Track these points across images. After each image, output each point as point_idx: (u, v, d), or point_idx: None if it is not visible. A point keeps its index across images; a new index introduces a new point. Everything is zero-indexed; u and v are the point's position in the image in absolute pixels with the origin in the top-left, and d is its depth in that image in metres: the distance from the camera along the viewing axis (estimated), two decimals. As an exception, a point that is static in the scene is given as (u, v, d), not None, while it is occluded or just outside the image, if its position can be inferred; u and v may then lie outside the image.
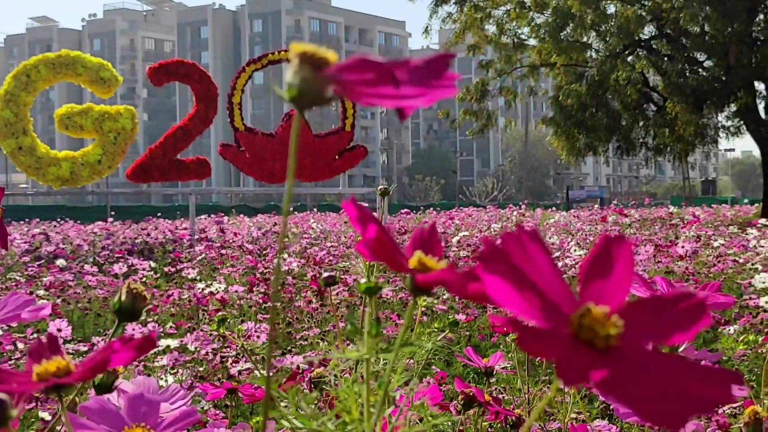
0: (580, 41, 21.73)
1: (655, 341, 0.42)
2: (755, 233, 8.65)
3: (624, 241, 0.43)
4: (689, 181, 54.43)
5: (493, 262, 0.42)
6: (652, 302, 0.43)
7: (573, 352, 0.40)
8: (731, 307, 1.03)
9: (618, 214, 9.88)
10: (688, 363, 0.40)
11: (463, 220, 14.53)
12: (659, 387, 0.39)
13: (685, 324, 0.42)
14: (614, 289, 0.43)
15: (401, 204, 47.66)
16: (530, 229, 0.45)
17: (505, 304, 0.42)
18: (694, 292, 0.42)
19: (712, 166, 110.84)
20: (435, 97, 0.43)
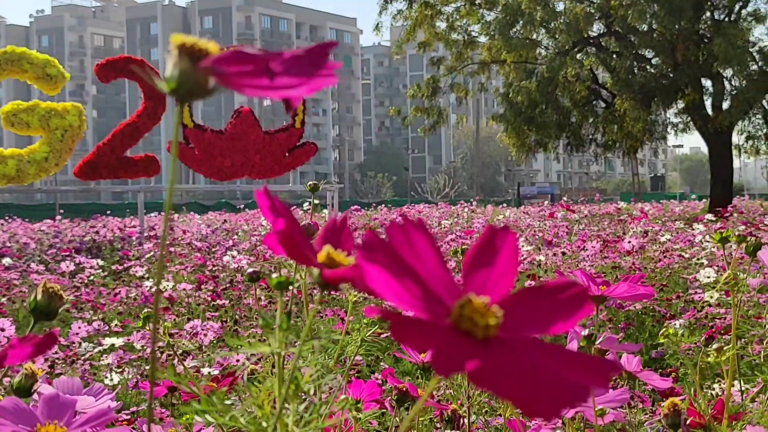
0: (529, 38, 21.84)
1: (537, 331, 0.42)
2: (701, 228, 8.74)
3: (508, 232, 0.43)
4: (638, 177, 54.95)
5: (373, 253, 0.42)
6: (534, 292, 0.43)
7: (448, 342, 0.40)
8: (652, 297, 1.04)
9: (565, 210, 9.93)
10: (566, 352, 0.41)
11: (414, 216, 14.55)
12: (536, 376, 0.39)
13: (566, 313, 0.42)
14: (498, 280, 0.43)
15: (353, 201, 47.63)
16: (416, 219, 0.45)
17: (385, 294, 0.41)
18: (575, 282, 0.42)
19: (661, 162, 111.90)
20: (316, 86, 0.43)
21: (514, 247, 0.43)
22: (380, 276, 0.42)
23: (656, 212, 17.24)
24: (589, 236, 8.40)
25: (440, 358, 0.39)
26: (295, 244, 0.53)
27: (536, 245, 7.83)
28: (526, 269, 6.52)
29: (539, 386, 0.39)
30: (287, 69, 0.43)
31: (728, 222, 10.81)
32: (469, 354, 0.40)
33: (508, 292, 0.43)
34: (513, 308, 0.42)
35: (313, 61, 0.44)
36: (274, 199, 0.55)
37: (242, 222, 14.59)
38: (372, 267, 0.42)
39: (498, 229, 0.44)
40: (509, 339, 0.41)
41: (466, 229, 10.27)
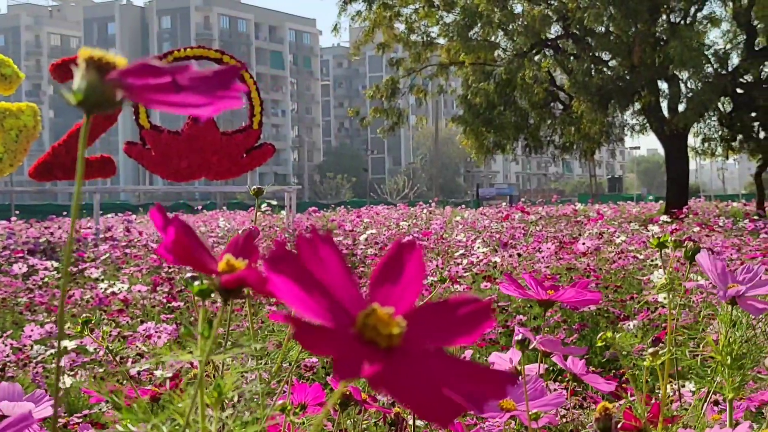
0: (488, 40, 21.92)
1: (439, 342, 0.43)
2: (656, 230, 8.81)
3: (415, 247, 0.44)
4: (596, 179, 55.32)
5: (279, 263, 0.43)
6: (438, 306, 0.44)
7: (351, 349, 0.41)
8: (599, 302, 1.05)
9: (521, 212, 9.99)
10: (466, 364, 0.41)
11: (373, 218, 14.55)
12: (434, 385, 0.40)
13: (468, 327, 0.43)
14: (403, 293, 0.44)
15: (313, 202, 47.57)
16: (323, 233, 0.45)
17: (291, 303, 0.42)
18: (478, 298, 0.43)
19: (619, 163, 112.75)
20: (221, 107, 0.44)
21: (420, 262, 0.44)
22: (286, 286, 0.42)
23: (613, 213, 17.36)
24: (544, 238, 8.44)
25: (342, 363, 0.39)
26: (189, 253, 0.53)
27: (493, 247, 7.87)
28: (482, 271, 6.54)
29: (436, 394, 0.40)
30: (195, 87, 0.44)
31: (683, 223, 10.91)
32: (371, 361, 0.41)
33: (413, 304, 0.44)
34: (417, 320, 0.43)
35: (221, 82, 0.44)
36: (165, 215, 0.55)
37: (200, 223, 14.52)
38: (278, 277, 0.43)
39: (405, 243, 0.44)
40: (411, 349, 0.42)
41: (423, 230, 10.29)
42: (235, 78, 0.45)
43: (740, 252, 7.14)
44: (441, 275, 2.28)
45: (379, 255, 8.28)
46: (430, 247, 8.59)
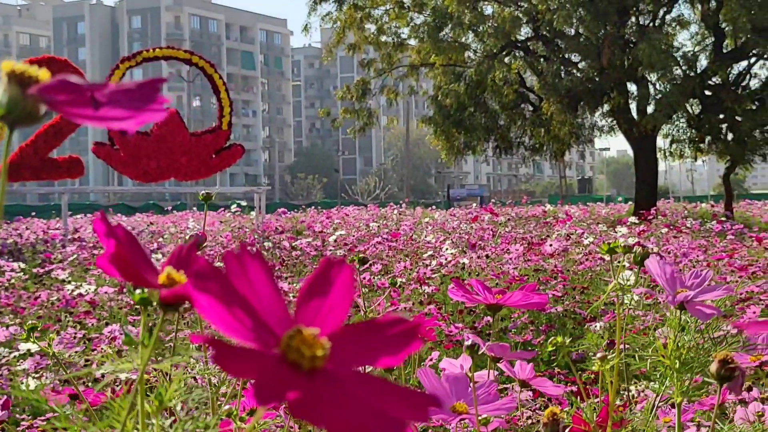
0: (458, 41, 21.95)
1: (364, 363, 0.43)
2: (624, 231, 8.86)
3: (344, 266, 0.44)
4: (566, 180, 55.55)
5: (204, 281, 0.43)
6: (365, 326, 0.44)
7: (271, 372, 0.41)
8: (545, 305, 1.06)
9: (489, 213, 10.02)
10: (389, 385, 0.42)
11: (343, 219, 14.54)
12: (356, 408, 0.40)
13: (395, 347, 0.43)
14: (330, 313, 0.44)
15: (283, 203, 47.47)
16: (253, 250, 0.46)
17: (215, 322, 0.42)
18: (406, 319, 0.43)
19: (589, 164, 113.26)
20: (145, 119, 0.44)
21: (349, 281, 0.44)
22: (210, 304, 0.42)
23: (582, 215, 17.43)
24: (513, 239, 8.47)
25: (261, 387, 0.39)
26: (129, 266, 0.53)
27: (461, 248, 7.88)
28: (450, 272, 6.55)
29: (357, 417, 0.40)
30: (116, 101, 0.44)
31: (651, 225, 10.97)
32: (291, 385, 0.40)
33: (340, 325, 0.44)
34: (343, 341, 0.43)
35: (143, 95, 0.45)
36: (109, 224, 0.55)
37: (169, 224, 14.46)
38: (202, 295, 0.43)
39: (334, 261, 0.44)
40: (335, 371, 0.42)
41: (393, 231, 10.30)
42: (158, 90, 0.45)
43: (706, 253, 7.20)
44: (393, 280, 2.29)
45: (348, 256, 8.28)
46: (399, 248, 8.59)
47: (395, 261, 7.59)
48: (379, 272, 6.94)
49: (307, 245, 8.49)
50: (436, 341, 4.91)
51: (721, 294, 1.07)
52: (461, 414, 0.98)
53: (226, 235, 10.23)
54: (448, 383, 1.02)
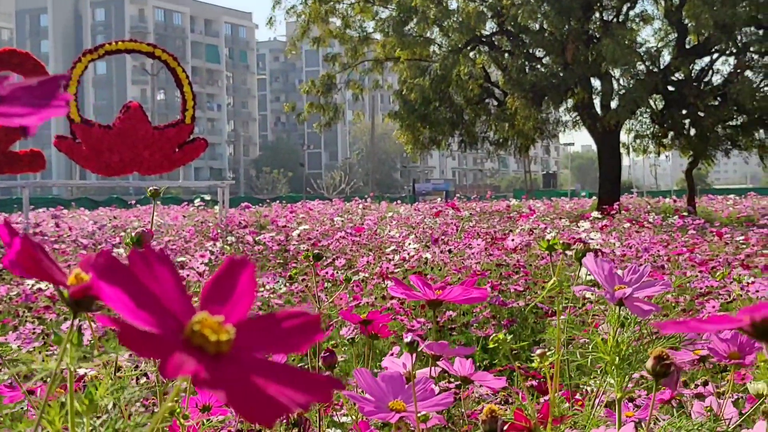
0: (423, 36, 21.99)
1: (268, 351, 0.45)
2: (586, 226, 8.91)
3: (247, 264, 0.46)
4: (531, 175, 55.80)
5: (107, 272, 0.44)
6: (268, 318, 0.45)
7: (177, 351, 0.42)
8: (485, 299, 1.06)
9: (451, 208, 10.05)
10: (293, 370, 0.43)
11: (307, 213, 14.52)
12: (259, 388, 0.42)
13: (298, 338, 0.45)
14: (234, 307, 0.45)
15: (248, 197, 47.36)
16: (158, 250, 0.46)
17: (120, 309, 0.43)
18: (308, 312, 0.44)
19: (554, 159, 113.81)
20: (46, 116, 0.44)
21: (252, 278, 0.45)
22: (115, 293, 0.44)
23: (546, 209, 17.52)
24: (475, 234, 8.49)
25: (166, 363, 0.41)
26: (36, 264, 0.53)
27: (425, 243, 7.90)
28: (413, 267, 6.56)
29: (259, 396, 0.42)
30: (18, 98, 0.44)
31: (614, 219, 11.04)
32: (196, 363, 0.42)
33: (244, 317, 0.45)
34: (246, 330, 0.44)
35: (44, 92, 0.45)
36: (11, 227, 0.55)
37: (133, 218, 14.40)
38: (107, 285, 0.44)
39: (237, 260, 0.46)
40: (240, 356, 0.44)
41: (357, 226, 10.30)
42: (60, 87, 0.45)
43: (667, 248, 7.25)
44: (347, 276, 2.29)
45: (312, 250, 8.27)
46: (363, 242, 8.60)
47: (359, 256, 7.59)
48: (342, 267, 6.95)
49: (270, 240, 8.48)
50: (399, 336, 4.92)
51: (659, 290, 1.08)
52: (399, 412, 0.98)
53: (188, 230, 10.20)
54: (384, 382, 1.02)
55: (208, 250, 7.79)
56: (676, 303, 5.19)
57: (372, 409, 0.99)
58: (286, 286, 5.70)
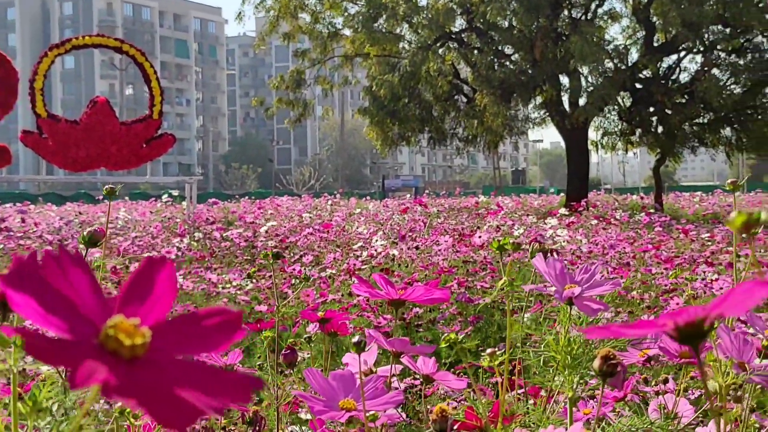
0: (392, 32, 21.98)
1: (187, 352, 0.45)
2: (553, 222, 8.94)
3: (165, 263, 0.45)
4: (500, 171, 55.91)
5: (17, 279, 0.44)
6: (187, 318, 0.45)
7: (86, 359, 0.42)
8: (447, 300, 1.07)
9: (419, 204, 10.06)
10: (213, 371, 0.43)
11: (276, 209, 14.49)
12: (174, 392, 0.42)
13: (218, 337, 0.44)
14: (153, 307, 0.45)
15: (217, 192, 47.18)
16: (73, 252, 0.46)
17: (30, 317, 0.43)
18: (229, 309, 0.44)
19: (523, 156, 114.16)
20: None
21: (171, 277, 0.45)
22: (24, 300, 0.43)
23: (515, 206, 17.56)
24: (443, 230, 8.50)
25: (74, 373, 0.41)
26: None
27: (393, 239, 7.90)
28: (380, 263, 6.56)
29: (173, 401, 0.41)
30: None
31: (581, 216, 11.09)
32: (108, 371, 0.42)
33: (162, 317, 0.45)
34: (164, 332, 0.44)
35: None
36: None
37: (100, 214, 14.31)
38: (15, 292, 0.43)
39: (155, 259, 0.45)
40: (157, 359, 0.43)
41: (325, 222, 10.28)
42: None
43: (633, 245, 7.29)
44: (305, 275, 2.29)
45: (280, 247, 8.26)
46: (331, 239, 8.59)
47: (326, 252, 7.58)
48: (310, 263, 6.94)
49: (237, 236, 8.46)
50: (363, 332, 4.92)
51: (609, 289, 1.09)
52: (349, 411, 0.99)
53: (155, 226, 10.15)
54: (335, 381, 1.02)
55: (175, 246, 7.77)
56: (642, 300, 5.23)
57: (321, 408, 0.99)
58: (253, 283, 5.69)
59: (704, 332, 0.43)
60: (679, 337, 0.43)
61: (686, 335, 0.43)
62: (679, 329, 0.43)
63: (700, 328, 0.43)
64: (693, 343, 0.43)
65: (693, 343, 0.43)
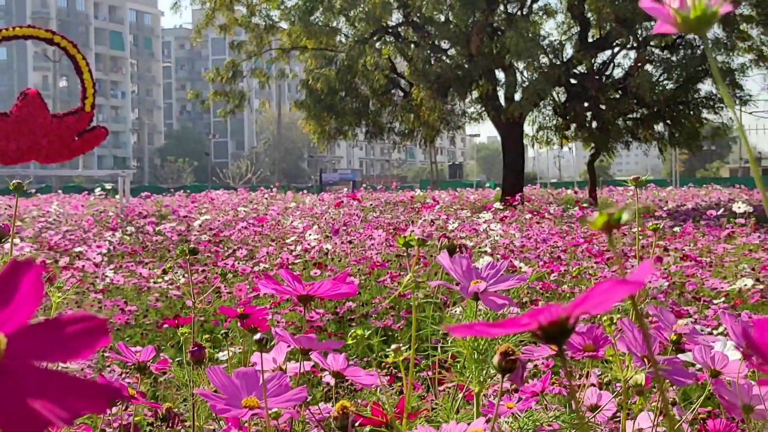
0: (329, 26, 21.94)
1: (49, 359, 0.44)
2: (487, 217, 8.99)
3: (31, 266, 0.44)
4: (437, 165, 56.13)
5: None
6: (50, 324, 0.44)
7: None
8: (354, 295, 1.07)
9: (352, 199, 10.07)
10: (73, 380, 0.42)
11: (210, 203, 14.40)
12: (31, 402, 0.41)
13: (81, 344, 0.44)
14: (14, 312, 0.44)
15: (153, 186, 46.77)
16: None
17: None
18: (93, 315, 0.43)
19: (460, 150, 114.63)
20: None
21: (37, 280, 0.44)
22: None
23: (451, 200, 17.64)
24: (377, 225, 8.52)
25: None
26: None
27: (327, 234, 7.89)
28: (313, 257, 6.56)
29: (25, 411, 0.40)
30: None
31: (516, 210, 11.16)
32: None
33: (25, 323, 0.44)
34: (24, 339, 0.43)
35: None
36: None
37: (32, 207, 14.10)
38: None
39: (21, 262, 0.44)
40: (12, 367, 0.42)
41: (260, 216, 10.24)
42: None
43: (564, 239, 7.36)
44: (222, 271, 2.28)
45: (214, 241, 8.21)
46: (265, 233, 8.56)
47: (261, 246, 7.56)
48: (244, 257, 6.91)
49: (170, 230, 8.39)
50: (297, 327, 4.91)
51: (515, 284, 1.10)
52: (252, 409, 0.98)
53: (87, 220, 10.03)
54: (238, 379, 1.01)
55: (107, 240, 7.69)
56: (572, 293, 5.28)
57: (223, 406, 0.98)
58: (185, 277, 5.65)
59: (568, 331, 0.43)
60: (543, 336, 0.43)
61: (550, 334, 0.43)
62: (542, 328, 0.43)
63: (564, 327, 0.43)
64: (557, 341, 0.43)
65: (557, 341, 0.43)
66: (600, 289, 0.41)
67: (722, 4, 0.46)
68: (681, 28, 0.47)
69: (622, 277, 0.40)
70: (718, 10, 0.46)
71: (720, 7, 0.46)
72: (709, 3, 0.46)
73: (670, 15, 0.46)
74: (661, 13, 0.47)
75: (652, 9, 0.49)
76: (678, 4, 0.46)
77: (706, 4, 0.46)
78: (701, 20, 0.46)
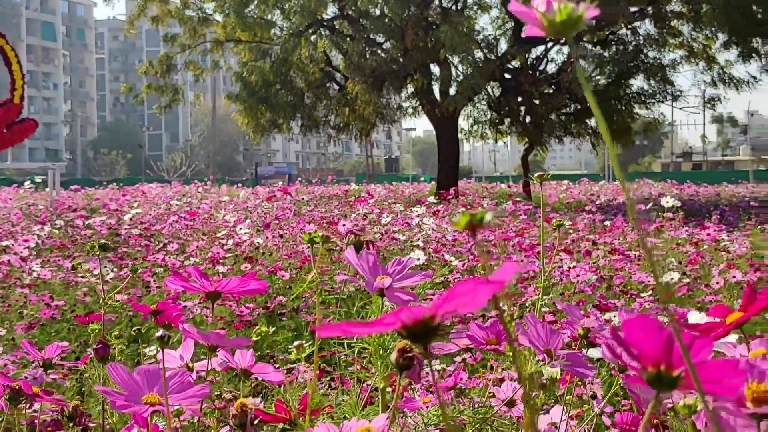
0: (264, 18, 21.84)
1: None
2: (420, 211, 9.02)
3: None
4: (373, 159, 56.19)
5: None
6: None
7: None
8: (264, 292, 1.07)
9: (284, 193, 10.03)
10: None
11: (142, 196, 14.26)
12: None
13: None
14: None
15: (86, 179, 46.21)
16: None
17: None
18: None
19: (396, 144, 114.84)
20: None
21: None
22: None
23: (386, 194, 17.66)
24: (310, 219, 8.51)
25: None
26: None
27: (259, 228, 7.86)
28: (243, 252, 6.53)
29: None
30: None
31: (450, 204, 11.21)
32: None
33: None
34: None
35: None
36: None
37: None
38: None
39: None
40: None
41: (192, 210, 10.17)
42: None
43: (496, 233, 7.41)
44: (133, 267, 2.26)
45: (144, 235, 8.13)
46: (197, 227, 8.51)
47: (192, 240, 7.50)
48: (175, 252, 6.85)
49: (100, 224, 8.29)
50: (227, 322, 4.89)
51: (419, 280, 1.10)
52: (153, 405, 0.98)
53: (15, 213, 9.88)
54: (139, 376, 1.01)
55: (35, 234, 7.58)
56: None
57: (123, 402, 0.98)
58: (114, 272, 5.59)
59: (433, 330, 0.44)
60: (408, 336, 0.44)
61: (415, 333, 0.44)
62: (406, 327, 0.43)
63: (429, 326, 0.44)
64: (422, 341, 0.44)
65: (422, 341, 0.44)
66: (462, 288, 0.42)
67: (587, 8, 0.47)
68: (548, 32, 0.48)
69: (484, 277, 0.41)
70: (582, 14, 0.47)
71: (585, 11, 0.47)
72: (575, 7, 0.47)
73: (538, 18, 0.46)
74: (528, 16, 0.48)
75: (520, 12, 0.50)
76: (545, 7, 0.47)
77: (571, 8, 0.47)
78: (566, 24, 0.47)
